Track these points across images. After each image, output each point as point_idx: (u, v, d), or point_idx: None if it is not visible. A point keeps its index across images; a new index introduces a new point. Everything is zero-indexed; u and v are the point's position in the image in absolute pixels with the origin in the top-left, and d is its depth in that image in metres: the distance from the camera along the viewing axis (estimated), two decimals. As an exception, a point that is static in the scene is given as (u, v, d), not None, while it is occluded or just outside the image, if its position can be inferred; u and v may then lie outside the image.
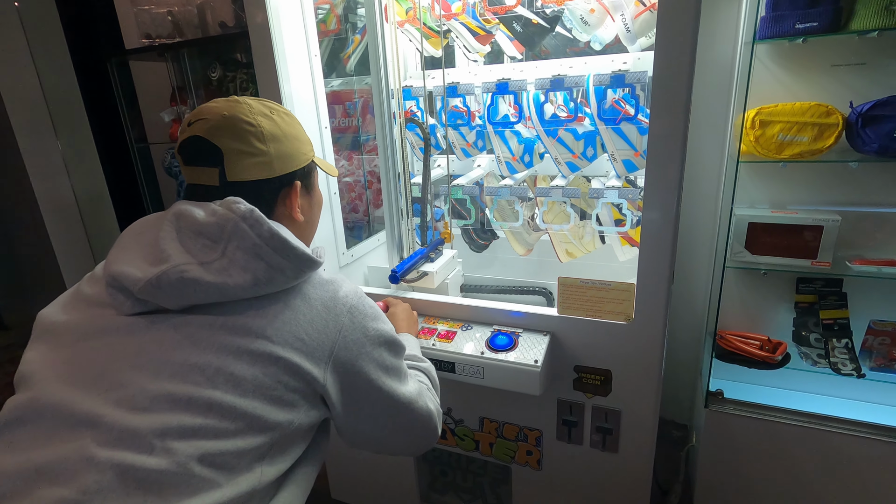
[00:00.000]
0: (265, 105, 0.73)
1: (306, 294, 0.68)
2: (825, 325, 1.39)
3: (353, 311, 0.70)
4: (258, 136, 0.70)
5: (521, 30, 1.39)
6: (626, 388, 1.08)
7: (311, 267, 0.67)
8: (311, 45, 1.31)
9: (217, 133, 0.68)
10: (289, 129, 0.74)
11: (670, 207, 0.90)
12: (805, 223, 1.29)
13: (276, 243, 0.64)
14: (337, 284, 0.71)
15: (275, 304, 0.65)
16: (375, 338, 0.72)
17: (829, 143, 1.20)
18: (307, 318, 0.66)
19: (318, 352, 0.66)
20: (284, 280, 0.65)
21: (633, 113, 1.28)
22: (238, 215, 0.64)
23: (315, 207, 0.83)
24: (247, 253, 0.63)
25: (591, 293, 1.02)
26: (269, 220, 0.69)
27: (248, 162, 0.69)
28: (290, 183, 0.75)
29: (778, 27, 1.20)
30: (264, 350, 0.62)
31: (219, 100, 0.72)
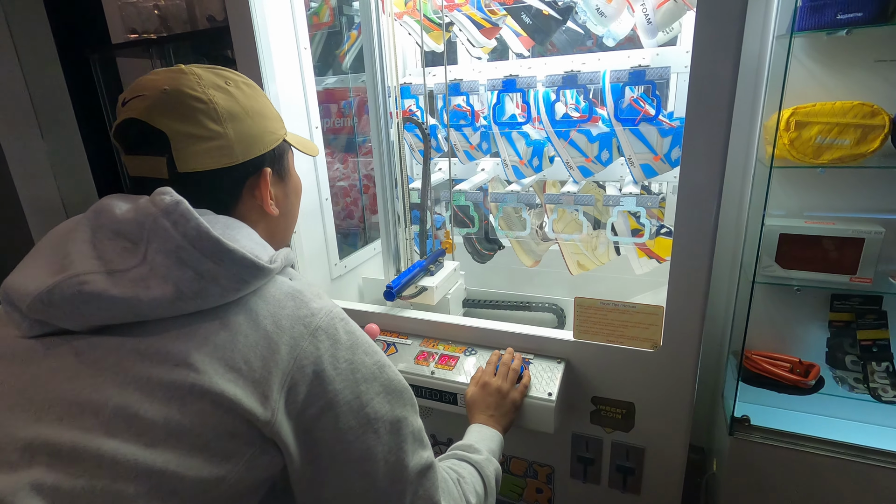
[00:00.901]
0: (219, 75, 0.59)
1: (253, 310, 0.53)
2: (863, 346, 1.27)
3: (321, 333, 0.54)
4: (211, 115, 0.56)
5: (531, 21, 1.27)
6: (651, 423, 0.96)
7: (258, 275, 0.53)
8: (300, 37, 1.19)
9: (158, 113, 0.55)
10: (251, 103, 0.60)
11: (708, 219, 0.78)
12: (844, 235, 1.17)
13: (206, 244, 0.50)
14: (303, 298, 0.56)
15: (207, 323, 0.51)
16: (352, 371, 0.55)
17: (873, 147, 1.08)
18: (250, 340, 0.51)
19: (262, 384, 0.50)
20: (220, 292, 0.51)
21: (653, 113, 1.16)
22: (160, 209, 0.50)
23: (292, 196, 0.69)
24: (168, 257, 0.49)
25: (612, 316, 0.90)
26: (222, 215, 0.57)
27: (200, 147, 0.56)
28: (258, 170, 0.61)
29: (817, 18, 1.08)
30: (185, 381, 0.47)
31: (160, 70, 0.58)
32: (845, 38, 1.13)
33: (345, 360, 0.55)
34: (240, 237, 0.54)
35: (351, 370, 0.55)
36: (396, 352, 1.06)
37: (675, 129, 1.15)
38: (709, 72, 0.76)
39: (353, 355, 0.56)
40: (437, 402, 0.98)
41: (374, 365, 0.58)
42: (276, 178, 0.65)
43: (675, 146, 1.17)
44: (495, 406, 0.88)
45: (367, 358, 0.57)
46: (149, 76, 0.58)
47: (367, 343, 0.59)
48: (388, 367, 0.59)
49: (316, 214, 1.32)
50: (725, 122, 0.75)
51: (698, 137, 0.78)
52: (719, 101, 0.76)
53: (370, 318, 1.16)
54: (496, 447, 0.80)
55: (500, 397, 0.89)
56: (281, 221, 0.67)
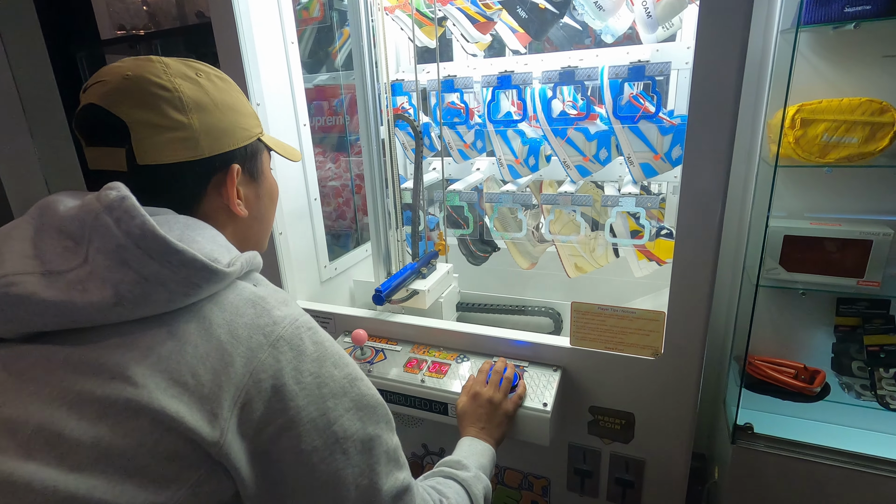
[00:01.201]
0: (189, 66, 0.56)
1: (207, 317, 0.48)
2: (870, 352, 1.22)
3: (283, 344, 0.49)
4: (175, 104, 0.52)
5: (527, 16, 1.23)
6: (651, 434, 0.91)
7: (212, 279, 0.48)
8: (286, 31, 1.15)
9: (118, 99, 0.51)
10: (222, 96, 0.56)
11: (712, 221, 0.74)
12: (851, 237, 1.13)
13: (151, 244, 0.45)
14: (266, 305, 0.51)
15: (152, 331, 0.46)
16: (318, 386, 0.50)
17: (882, 146, 1.04)
18: (200, 351, 0.46)
19: (211, 400, 0.45)
20: (167, 297, 0.46)
21: (653, 110, 1.12)
22: (103, 205, 0.45)
23: (265, 199, 0.64)
24: (110, 258, 0.45)
25: (611, 322, 0.86)
26: (182, 215, 0.52)
27: (162, 138, 0.52)
28: (225, 167, 0.57)
29: (824, 11, 1.04)
30: (120, 396, 0.42)
31: (127, 59, 0.54)
32: (852, 33, 1.09)
33: (310, 374, 0.50)
34: (200, 238, 0.50)
35: (317, 384, 0.50)
36: (385, 359, 1.02)
37: (676, 127, 1.11)
38: (713, 68, 0.72)
39: (321, 368, 0.51)
40: (428, 412, 0.94)
41: (345, 378, 0.53)
42: (248, 177, 0.60)
43: (676, 144, 1.12)
44: (487, 418, 0.83)
45: (336, 371, 0.52)
46: (114, 63, 0.54)
47: (338, 354, 0.54)
48: (360, 381, 0.54)
49: (304, 215, 1.28)
50: (730, 120, 0.71)
51: (701, 136, 0.74)
52: (724, 99, 0.72)
53: (358, 322, 1.12)
54: (487, 462, 0.76)
55: (491, 408, 0.85)
56: (252, 225, 0.62)
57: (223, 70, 1.06)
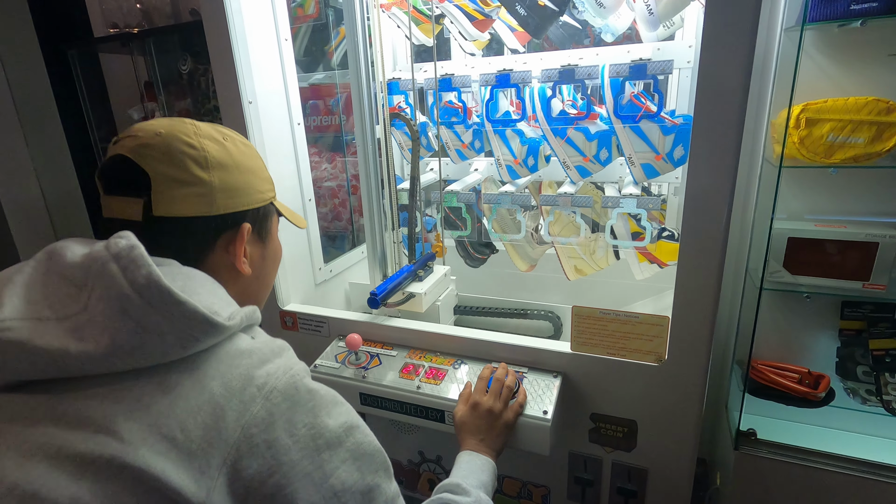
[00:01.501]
0: (217, 129, 0.59)
1: (200, 369, 0.47)
2: (875, 356, 1.20)
3: (276, 395, 0.47)
4: (199, 161, 0.54)
5: (526, 13, 1.20)
6: (654, 442, 0.88)
7: (211, 332, 0.47)
8: (280, 27, 1.12)
9: (146, 153, 0.53)
10: (243, 159, 0.59)
11: (718, 224, 0.71)
12: (857, 239, 1.11)
13: (154, 294, 0.44)
14: (261, 356, 0.50)
15: (142, 383, 0.44)
16: (313, 438, 0.48)
17: (889, 146, 1.02)
18: (191, 404, 0.44)
19: (199, 457, 0.43)
20: (163, 348, 0.45)
21: (655, 110, 1.10)
22: (111, 253, 0.45)
23: (269, 261, 0.65)
24: (110, 306, 0.44)
25: (612, 327, 0.83)
26: (186, 267, 0.52)
27: (181, 192, 0.53)
28: (236, 225, 0.58)
29: (830, 9, 1.02)
30: (103, 453, 0.40)
31: (162, 118, 0.57)
32: (857, 31, 1.07)
33: (304, 425, 0.48)
34: (202, 290, 0.50)
35: (311, 436, 0.48)
36: (380, 364, 0.99)
37: (679, 127, 1.09)
38: (719, 67, 0.70)
39: (315, 419, 0.49)
40: (423, 419, 0.91)
41: (340, 427, 0.51)
42: (256, 237, 0.62)
43: (678, 145, 1.10)
44: (487, 429, 0.81)
45: (330, 421, 0.50)
46: (148, 121, 0.57)
47: (333, 402, 0.52)
48: (357, 429, 0.53)
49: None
50: (737, 120, 0.69)
51: (707, 137, 0.72)
52: (730, 99, 0.70)
53: (352, 326, 1.09)
54: (488, 478, 0.74)
55: (491, 419, 0.82)
56: (253, 284, 0.63)
57: (214, 66, 1.04)
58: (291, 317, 1.16)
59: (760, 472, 1.22)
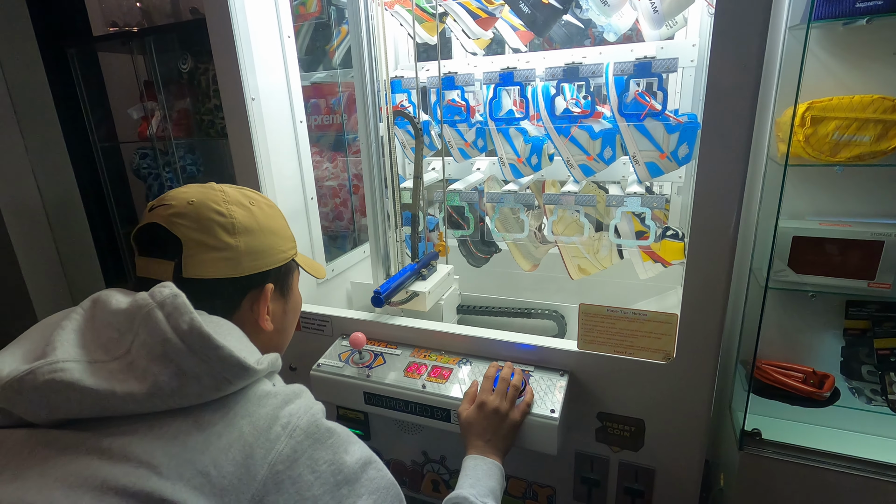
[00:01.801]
0: (244, 194, 0.63)
1: (231, 410, 0.50)
2: (880, 355, 1.20)
3: (299, 434, 0.51)
4: (227, 228, 0.58)
5: (529, 11, 1.20)
6: (662, 442, 0.88)
7: (243, 375, 0.50)
8: (283, 24, 1.12)
9: (179, 221, 0.57)
10: (268, 221, 0.63)
11: (728, 222, 0.71)
12: (862, 237, 1.10)
13: (195, 339, 0.48)
14: (283, 398, 0.53)
15: (178, 422, 0.48)
16: (333, 474, 0.52)
17: (894, 144, 1.02)
18: (222, 443, 0.47)
19: (230, 493, 0.46)
20: (199, 390, 0.48)
21: (659, 108, 1.09)
22: (156, 301, 0.50)
23: (290, 314, 0.69)
24: (152, 352, 0.48)
25: (620, 324, 0.83)
26: (214, 317, 0.56)
27: (209, 256, 0.57)
28: (261, 285, 0.62)
29: (835, 7, 1.01)
30: (143, 487, 0.43)
31: (192, 185, 0.62)
32: (862, 29, 1.07)
33: (325, 462, 0.52)
34: (230, 338, 0.52)
35: (331, 472, 0.52)
36: (384, 363, 0.98)
37: (683, 126, 1.08)
38: (729, 66, 0.69)
39: (335, 455, 0.53)
40: (429, 418, 0.90)
41: (356, 463, 0.55)
42: (278, 294, 0.65)
43: (683, 143, 1.10)
44: (493, 429, 0.80)
45: (348, 457, 0.54)
46: (181, 189, 0.61)
47: (348, 440, 0.56)
48: (371, 465, 0.56)
49: (300, 214, 1.24)
50: (748, 118, 0.69)
51: (717, 136, 0.72)
52: (740, 97, 0.69)
53: (356, 325, 1.08)
54: (496, 483, 0.73)
55: (498, 419, 0.81)
56: (274, 337, 0.67)
57: (217, 63, 1.03)
58: (294, 316, 1.15)
59: (765, 472, 1.21)
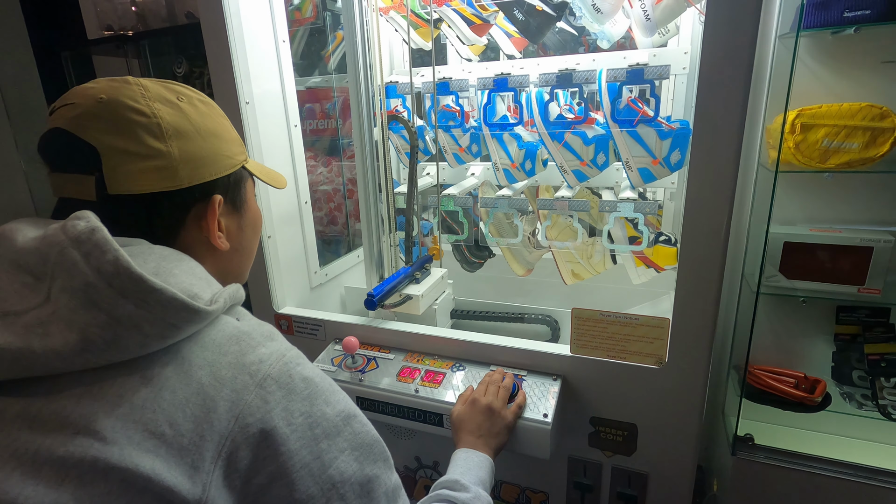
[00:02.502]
0: (170, 89, 0.52)
1: (186, 358, 0.44)
2: (871, 360, 1.21)
3: (270, 383, 0.45)
4: (152, 130, 0.48)
5: (524, 18, 1.21)
6: (654, 446, 0.88)
7: (193, 319, 0.43)
8: (278, 29, 1.12)
9: (89, 124, 0.47)
10: (205, 121, 0.53)
11: (719, 227, 0.71)
12: (852, 244, 1.11)
13: (125, 282, 0.40)
14: (251, 341, 0.47)
15: (123, 377, 0.41)
16: (311, 427, 0.46)
17: (882, 151, 1.03)
18: (178, 396, 0.41)
19: (191, 451, 0.40)
20: (141, 340, 0.41)
21: (652, 114, 1.10)
22: (70, 237, 0.41)
23: (248, 230, 0.60)
24: (75, 297, 0.40)
25: (613, 329, 0.83)
26: (158, 246, 0.48)
27: (137, 167, 0.47)
28: (207, 197, 0.53)
29: (824, 16, 1.03)
30: (86, 455, 0.37)
31: (101, 80, 0.50)
32: (850, 38, 1.09)
33: (301, 414, 0.46)
34: (178, 271, 0.46)
35: (309, 425, 0.46)
36: (377, 367, 0.98)
37: (676, 132, 1.09)
38: (719, 74, 0.70)
39: (312, 407, 0.47)
40: (421, 423, 0.90)
41: (338, 416, 0.48)
42: (230, 207, 0.56)
43: (675, 149, 1.10)
44: (487, 426, 0.79)
45: (328, 409, 0.48)
46: (87, 84, 0.50)
47: (329, 390, 0.50)
48: (354, 418, 0.50)
49: (294, 218, 1.24)
50: (738, 127, 0.70)
51: (708, 143, 0.72)
52: (731, 104, 0.70)
53: (349, 329, 1.08)
54: (486, 475, 0.72)
55: (490, 415, 0.80)
56: (234, 258, 0.58)
57: (211, 67, 1.03)
58: (287, 320, 1.14)
59: (758, 477, 1.22)
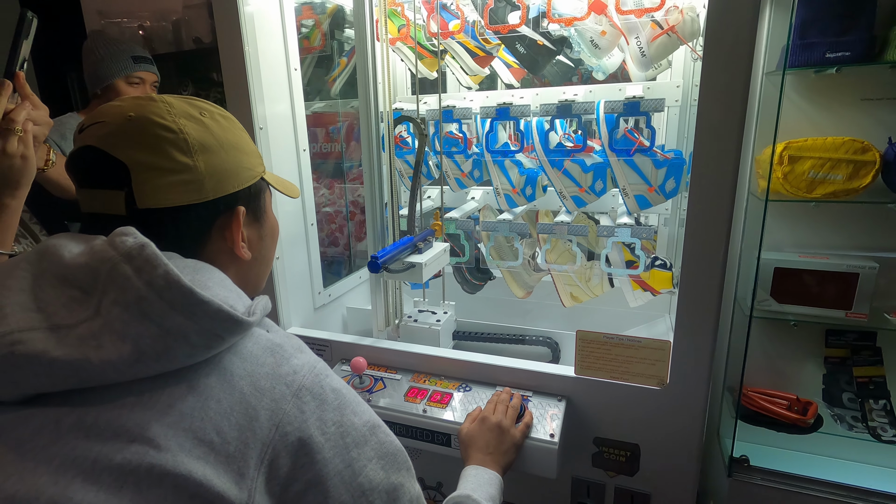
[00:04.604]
0: (193, 104, 0.54)
1: (227, 369, 0.46)
2: (859, 383, 1.24)
3: (305, 393, 0.47)
4: (180, 146, 0.50)
5: (525, 51, 1.27)
6: (657, 466, 0.90)
7: (235, 330, 0.45)
8: (291, 58, 1.16)
9: (119, 142, 0.49)
10: (227, 135, 0.55)
11: (717, 254, 0.75)
12: (839, 270, 1.16)
13: (175, 295, 0.42)
14: (284, 353, 0.49)
15: (171, 387, 0.43)
16: (342, 436, 0.48)
17: (865, 183, 1.09)
18: (223, 406, 0.43)
19: (237, 458, 0.42)
20: (189, 350, 0.43)
21: (648, 144, 1.15)
22: (120, 253, 0.43)
23: (267, 239, 0.62)
24: (128, 310, 0.42)
25: (616, 351, 0.86)
26: (189, 259, 0.49)
27: (166, 181, 0.49)
28: (231, 209, 0.55)
29: (807, 56, 1.10)
30: (142, 462, 0.39)
31: (127, 97, 0.53)
32: (833, 77, 1.16)
33: (333, 423, 0.48)
34: (211, 284, 0.47)
35: (340, 434, 0.48)
36: (385, 387, 0.99)
37: (670, 161, 1.15)
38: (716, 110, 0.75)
39: (342, 416, 0.49)
40: (429, 443, 0.91)
41: (365, 426, 0.51)
42: (251, 218, 0.58)
43: (670, 177, 1.16)
44: (495, 444, 0.81)
45: (356, 419, 0.50)
46: (114, 102, 0.52)
47: (355, 401, 0.52)
48: (379, 428, 0.53)
49: (301, 240, 1.26)
50: (734, 155, 0.74)
51: (706, 173, 0.77)
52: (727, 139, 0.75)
53: (355, 350, 1.09)
54: (496, 493, 0.73)
55: (500, 434, 0.82)
56: (254, 266, 0.60)
57: (227, 94, 1.07)
58: (292, 340, 1.15)
59: (754, 499, 1.23)
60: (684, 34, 1.10)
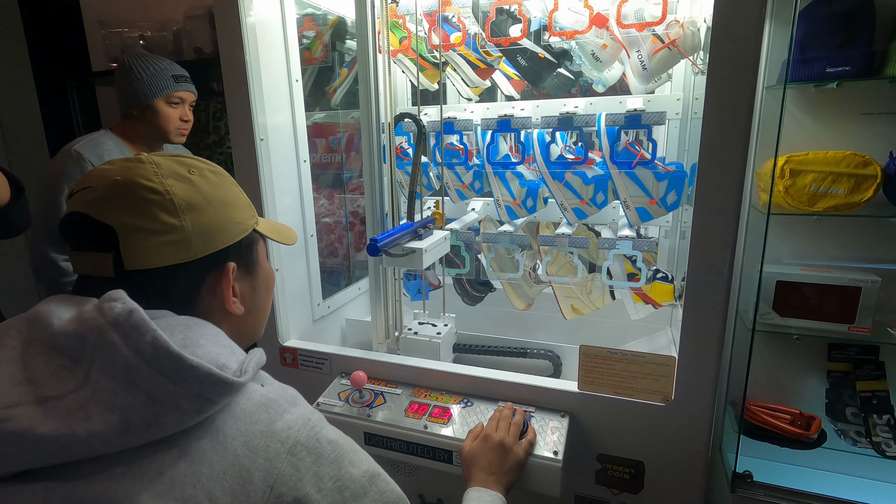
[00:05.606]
0: (181, 163, 0.53)
1: (220, 430, 0.45)
2: (863, 398, 1.24)
3: (300, 449, 0.47)
4: (166, 207, 0.49)
5: (527, 64, 1.27)
6: (662, 484, 0.88)
7: (225, 392, 0.44)
8: (292, 69, 1.16)
9: (105, 206, 0.48)
10: (216, 191, 0.54)
11: (722, 266, 0.74)
12: (841, 283, 1.16)
13: (164, 362, 0.42)
14: (278, 408, 0.48)
15: (162, 453, 0.42)
16: (339, 490, 0.48)
17: (866, 197, 1.09)
18: (216, 470, 0.43)
19: None
20: (179, 416, 0.42)
21: (649, 157, 1.15)
22: (108, 320, 0.42)
23: (262, 290, 0.61)
24: (115, 379, 0.41)
25: (620, 366, 0.85)
26: (181, 315, 0.49)
27: (153, 242, 0.49)
28: (220, 265, 0.54)
29: (807, 71, 1.11)
30: None
31: (116, 160, 0.52)
32: (833, 91, 1.16)
33: (330, 478, 0.48)
34: (203, 341, 0.47)
35: (338, 489, 0.48)
36: (385, 402, 0.97)
37: (672, 174, 1.14)
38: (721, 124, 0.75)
39: (339, 470, 0.49)
40: (431, 460, 0.89)
41: (364, 476, 0.51)
42: (243, 272, 0.57)
43: (671, 190, 1.15)
44: (498, 463, 0.79)
45: (353, 470, 0.50)
46: (103, 166, 0.52)
47: (353, 450, 0.52)
48: (379, 477, 0.53)
49: (300, 252, 1.25)
50: (739, 169, 0.74)
51: (712, 187, 0.77)
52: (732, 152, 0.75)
53: (355, 364, 1.08)
54: None
55: (503, 453, 0.80)
56: (248, 319, 0.59)
57: (228, 104, 1.06)
58: (292, 353, 1.14)
59: (757, 515, 1.22)
60: (685, 48, 1.11)
